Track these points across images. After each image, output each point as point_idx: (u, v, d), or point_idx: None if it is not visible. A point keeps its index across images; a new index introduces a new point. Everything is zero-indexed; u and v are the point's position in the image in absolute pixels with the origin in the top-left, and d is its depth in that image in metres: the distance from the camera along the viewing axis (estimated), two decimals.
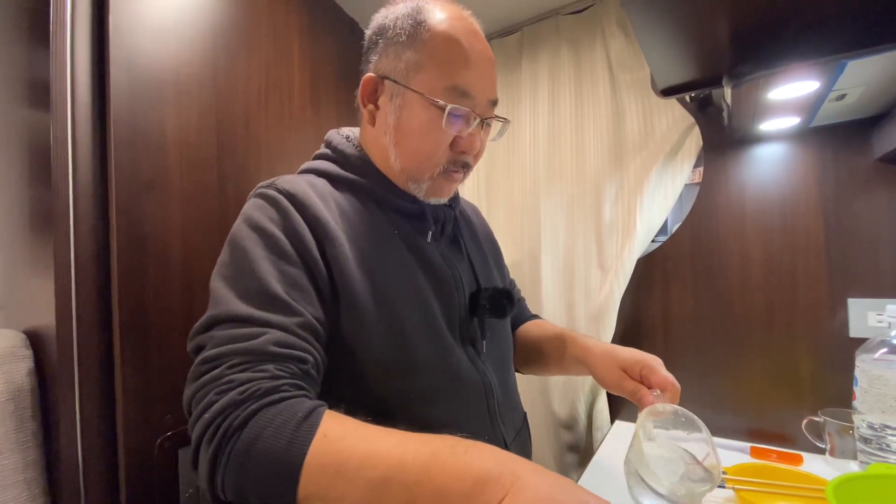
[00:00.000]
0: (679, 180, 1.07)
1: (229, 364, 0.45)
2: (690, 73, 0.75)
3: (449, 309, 0.62)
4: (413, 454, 0.40)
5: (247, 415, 0.42)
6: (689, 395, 1.06)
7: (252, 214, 0.55)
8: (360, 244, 0.57)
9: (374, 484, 0.39)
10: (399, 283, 0.58)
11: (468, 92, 0.58)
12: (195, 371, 0.47)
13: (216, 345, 0.47)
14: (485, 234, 0.82)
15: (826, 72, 0.66)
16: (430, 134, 0.59)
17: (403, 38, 0.58)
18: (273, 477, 0.41)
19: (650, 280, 1.12)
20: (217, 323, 0.49)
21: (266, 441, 0.41)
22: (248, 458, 0.41)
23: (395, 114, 0.60)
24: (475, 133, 0.61)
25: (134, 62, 0.68)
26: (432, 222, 0.65)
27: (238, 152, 0.83)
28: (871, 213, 0.91)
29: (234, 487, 0.42)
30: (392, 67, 0.59)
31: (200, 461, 0.43)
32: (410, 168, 0.61)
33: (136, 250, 0.67)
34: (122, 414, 0.65)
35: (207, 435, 0.43)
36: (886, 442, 0.72)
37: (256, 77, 0.88)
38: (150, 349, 0.69)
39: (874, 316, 0.88)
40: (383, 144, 0.62)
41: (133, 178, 0.67)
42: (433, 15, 0.59)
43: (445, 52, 0.58)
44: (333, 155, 0.65)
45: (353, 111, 0.65)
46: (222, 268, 0.54)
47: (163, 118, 0.71)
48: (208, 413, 0.43)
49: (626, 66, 1.11)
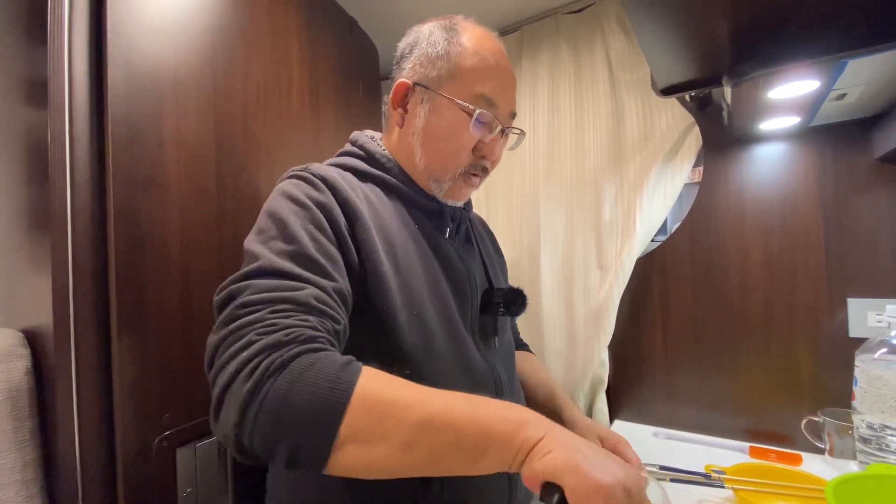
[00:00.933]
0: (679, 180, 1.07)
1: (272, 309, 0.46)
2: (690, 72, 0.75)
3: (463, 303, 0.65)
4: (457, 400, 0.43)
5: (291, 356, 0.42)
6: (689, 395, 1.07)
7: (288, 189, 0.58)
8: (385, 233, 0.60)
9: (421, 423, 0.40)
10: (419, 274, 0.61)
11: (493, 101, 0.64)
12: (230, 315, 0.47)
13: (256, 291, 0.47)
14: (493, 244, 0.87)
15: (826, 71, 0.66)
16: (457, 136, 0.64)
17: (437, 50, 0.65)
18: (315, 415, 0.40)
19: (649, 280, 1.12)
20: (256, 275, 0.50)
21: (309, 380, 0.41)
22: (289, 395, 0.40)
23: (424, 116, 0.65)
24: (496, 139, 0.67)
25: (132, 60, 0.68)
26: (449, 220, 0.69)
27: (237, 151, 0.83)
28: (871, 212, 0.90)
29: (267, 429, 0.40)
30: (424, 75, 0.65)
31: (229, 401, 0.42)
32: (434, 168, 0.66)
33: (134, 249, 0.67)
34: (120, 413, 0.65)
35: (245, 372, 0.42)
36: (886, 442, 0.72)
37: (255, 76, 0.87)
38: (148, 348, 0.68)
39: (874, 316, 0.88)
40: (410, 145, 0.67)
41: (131, 177, 0.67)
42: (466, 31, 0.66)
43: (475, 64, 0.64)
44: (360, 153, 0.69)
45: (352, 110, 0.67)
46: (258, 233, 0.55)
47: (161, 117, 0.71)
48: (247, 352, 0.43)
49: (626, 65, 1.11)
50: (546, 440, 0.40)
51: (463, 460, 0.41)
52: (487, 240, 0.85)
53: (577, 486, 0.37)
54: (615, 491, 0.38)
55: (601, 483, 0.37)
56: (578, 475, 0.38)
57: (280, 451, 0.41)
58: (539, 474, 0.39)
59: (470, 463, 0.41)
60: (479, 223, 0.89)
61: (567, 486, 0.38)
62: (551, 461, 0.39)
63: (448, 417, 0.41)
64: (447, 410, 0.41)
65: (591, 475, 0.38)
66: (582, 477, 0.38)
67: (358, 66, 1.19)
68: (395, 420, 0.41)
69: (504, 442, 0.41)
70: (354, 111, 1.16)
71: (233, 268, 0.80)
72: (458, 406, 0.42)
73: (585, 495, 0.37)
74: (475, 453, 0.41)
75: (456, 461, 0.41)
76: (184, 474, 0.73)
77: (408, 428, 0.41)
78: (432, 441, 0.41)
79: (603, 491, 0.37)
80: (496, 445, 0.41)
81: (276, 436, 0.41)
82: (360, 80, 1.19)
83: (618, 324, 1.08)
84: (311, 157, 0.99)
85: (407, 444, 0.41)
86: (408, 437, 0.40)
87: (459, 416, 0.41)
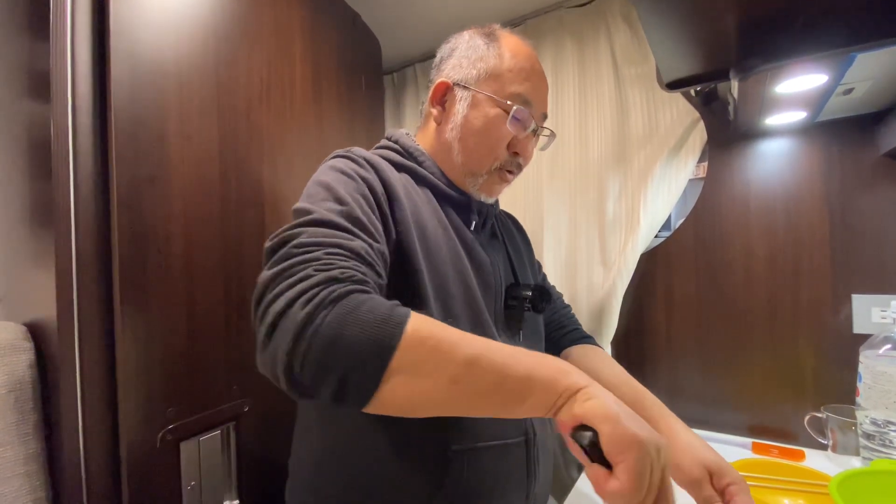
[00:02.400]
0: (683, 175, 1.06)
1: (328, 251, 0.48)
2: (697, 67, 0.74)
3: (487, 294, 0.67)
4: (502, 346, 0.45)
5: (346, 291, 0.44)
6: (692, 391, 1.07)
7: (336, 164, 0.61)
8: (417, 217, 0.63)
9: (469, 360, 0.42)
10: (446, 260, 0.63)
11: (529, 101, 0.68)
12: (286, 253, 0.48)
13: (312, 236, 0.49)
14: (524, 241, 0.90)
15: (834, 65, 0.65)
16: (494, 131, 0.67)
17: (477, 52, 0.69)
18: (368, 344, 0.41)
19: (653, 276, 1.11)
20: (310, 224, 0.51)
21: (364, 313, 0.43)
22: (344, 325, 0.42)
23: (462, 113, 0.69)
24: (529, 138, 0.71)
25: (135, 54, 0.68)
26: (476, 214, 0.72)
27: (240, 146, 0.83)
28: (876, 208, 0.90)
29: (320, 356, 0.41)
30: (464, 75, 0.69)
31: (283, 327, 0.42)
32: (471, 162, 0.70)
33: (138, 243, 0.67)
34: (124, 406, 0.65)
35: (302, 300, 0.43)
36: (889, 438, 0.72)
37: (258, 70, 0.87)
38: (151, 342, 0.68)
39: (878, 312, 0.88)
40: (447, 140, 0.70)
41: (134, 171, 0.67)
42: (504, 37, 0.70)
43: (512, 66, 0.68)
44: (396, 146, 0.72)
45: (354, 104, 0.68)
46: (307, 198, 0.57)
47: (164, 111, 0.71)
48: (305, 283, 0.44)
49: (631, 59, 1.10)
50: (589, 389, 0.42)
51: (505, 400, 0.43)
52: (518, 237, 0.87)
53: (614, 433, 0.38)
54: (649, 447, 0.38)
55: (638, 435, 0.38)
56: (617, 424, 0.39)
57: (330, 380, 0.42)
58: (578, 417, 0.40)
59: (512, 404, 0.43)
60: (511, 221, 0.91)
61: (604, 431, 0.39)
62: (592, 406, 0.40)
63: (494, 358, 0.43)
64: (493, 352, 0.43)
65: (629, 426, 0.39)
66: (620, 426, 0.39)
67: (360, 61, 1.18)
68: (445, 355, 0.42)
69: (547, 386, 0.42)
70: (357, 105, 1.15)
71: (237, 263, 0.81)
72: (503, 350, 0.44)
73: (620, 443, 0.38)
74: (519, 394, 0.42)
75: (499, 401, 0.43)
76: (188, 467, 0.73)
77: (456, 364, 0.42)
78: (479, 378, 0.42)
79: (638, 443, 0.38)
80: (540, 388, 0.42)
81: (329, 363, 0.41)
82: (363, 75, 1.19)
83: (621, 320, 1.08)
84: (314, 150, 0.99)
85: (454, 378, 0.42)
86: (455, 372, 0.42)
87: (505, 359, 0.43)
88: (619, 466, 0.38)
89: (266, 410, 0.86)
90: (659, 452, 0.39)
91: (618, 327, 1.08)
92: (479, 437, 0.60)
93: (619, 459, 0.38)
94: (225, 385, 0.79)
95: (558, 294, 0.94)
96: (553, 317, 0.88)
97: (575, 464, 1.15)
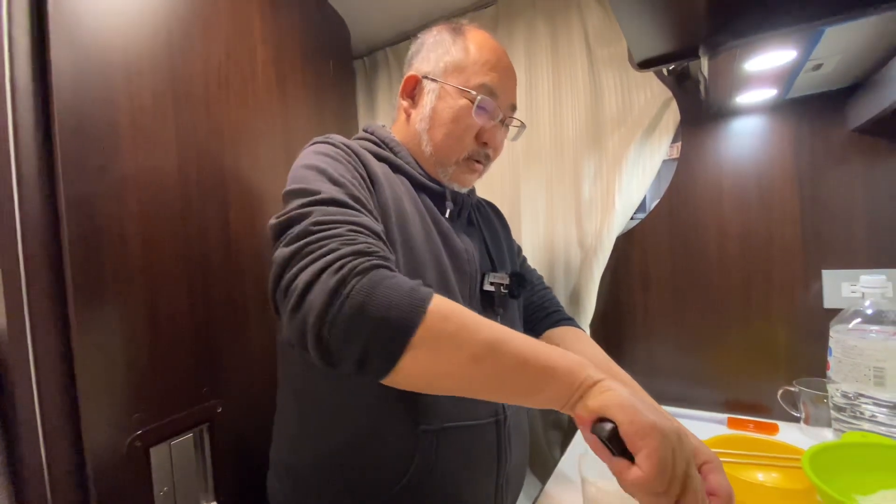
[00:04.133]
0: (657, 156, 1.06)
1: (349, 228, 0.49)
2: (667, 45, 0.73)
3: (462, 280, 0.68)
4: (522, 335, 0.45)
5: (373, 265, 0.45)
6: (669, 370, 1.08)
7: (319, 149, 0.62)
8: (397, 204, 0.64)
9: (491, 342, 0.43)
10: (423, 247, 0.64)
11: (494, 91, 0.70)
12: (304, 230, 0.48)
13: (327, 214, 0.50)
14: (503, 227, 0.90)
15: (803, 40, 0.65)
16: (461, 121, 0.69)
17: (444, 47, 0.71)
18: (396, 313, 0.42)
19: (629, 257, 1.12)
20: (320, 203, 0.51)
21: (391, 285, 0.44)
22: (372, 294, 0.43)
23: (430, 104, 0.70)
24: (497, 127, 0.73)
25: (77, 42, 0.63)
26: (451, 203, 0.73)
27: (199, 135, 0.79)
28: (846, 184, 0.91)
29: (349, 322, 0.42)
30: (432, 68, 0.71)
31: (315, 292, 0.43)
32: (439, 152, 0.71)
33: (90, 241, 0.63)
34: (86, 415, 0.63)
35: (333, 268, 0.44)
36: (860, 410, 0.73)
37: (216, 55, 0.83)
38: (112, 347, 0.65)
39: (848, 287, 0.89)
40: (417, 132, 0.72)
41: (82, 165, 0.63)
42: (470, 32, 0.72)
43: (479, 57, 0.70)
44: (373, 137, 0.73)
45: (322, 91, 0.67)
46: (299, 180, 0.56)
47: (112, 101, 0.67)
48: (333, 254, 0.45)
49: (604, 40, 1.09)
50: (606, 382, 0.42)
51: (524, 388, 0.43)
52: (497, 224, 0.88)
53: (634, 422, 0.38)
54: (670, 434, 0.38)
55: (657, 423, 0.38)
56: (635, 413, 0.39)
57: (355, 347, 0.43)
58: (595, 410, 0.41)
59: (530, 392, 0.43)
60: (490, 208, 0.92)
61: (623, 421, 0.39)
62: (609, 398, 0.40)
63: (515, 345, 0.43)
64: (514, 339, 0.44)
65: (647, 415, 0.39)
66: (638, 415, 0.39)
67: (327, 45, 1.14)
68: (468, 334, 0.43)
69: (566, 377, 0.42)
70: (325, 92, 1.11)
71: (202, 261, 0.78)
72: (526, 340, 0.45)
73: (640, 431, 0.38)
74: (537, 383, 0.43)
75: (517, 387, 0.44)
76: (159, 473, 0.71)
77: (478, 344, 0.43)
78: (499, 361, 0.43)
79: (658, 430, 0.38)
80: (558, 379, 0.43)
81: (356, 329, 0.42)
82: (331, 59, 1.15)
83: (598, 301, 1.08)
84: (280, 139, 0.95)
85: (476, 357, 0.43)
86: (478, 351, 0.42)
87: (526, 347, 0.44)
88: (640, 455, 0.38)
89: (241, 410, 0.83)
90: (681, 440, 0.39)
91: (595, 309, 1.08)
92: (448, 417, 0.60)
93: (640, 447, 0.38)
94: (195, 387, 0.76)
95: (539, 276, 0.94)
96: (533, 299, 0.88)
97: (558, 444, 1.16)
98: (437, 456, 0.60)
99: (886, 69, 0.75)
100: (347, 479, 0.61)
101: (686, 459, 0.39)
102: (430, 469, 0.59)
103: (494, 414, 0.65)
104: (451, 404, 0.61)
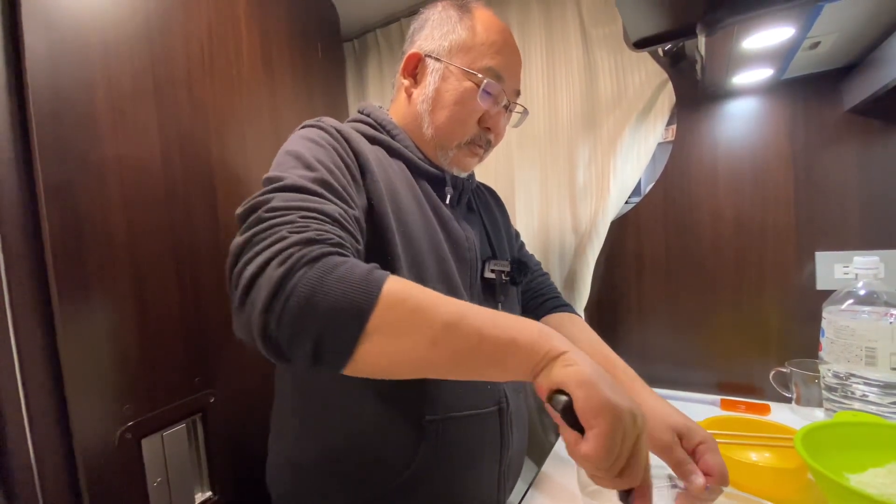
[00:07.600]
0: (652, 139, 1.05)
1: (302, 215, 0.46)
2: (663, 24, 0.71)
3: (462, 267, 0.66)
4: (482, 309, 0.43)
5: (322, 253, 0.43)
6: (663, 352, 1.09)
7: (305, 133, 0.59)
8: (391, 190, 0.61)
9: (448, 322, 0.41)
10: (420, 234, 0.62)
11: (500, 75, 0.67)
12: (258, 217, 0.46)
13: (284, 200, 0.47)
14: (501, 213, 0.88)
15: (801, 17, 0.64)
16: (465, 104, 0.66)
17: (450, 24, 0.68)
18: (346, 303, 0.40)
19: (624, 241, 1.11)
20: (281, 189, 0.49)
21: (341, 273, 0.41)
22: (320, 285, 0.40)
23: (433, 85, 0.68)
24: (501, 113, 0.70)
25: (52, 24, 0.61)
26: (451, 188, 0.70)
27: (182, 119, 0.76)
28: (840, 165, 0.91)
29: (296, 315, 0.40)
30: (436, 47, 0.68)
31: (259, 287, 0.41)
32: (441, 135, 0.68)
33: (72, 230, 0.61)
34: (74, 408, 0.61)
35: (278, 260, 0.42)
36: (851, 390, 0.74)
37: (197, 36, 0.80)
38: (98, 339, 0.64)
39: (841, 268, 0.89)
40: (418, 113, 0.69)
41: (61, 153, 0.60)
42: (477, 10, 0.69)
43: (486, 38, 0.67)
44: (368, 119, 0.71)
45: (311, 73, 0.65)
46: (276, 167, 0.55)
47: (91, 85, 0.64)
48: (280, 244, 0.43)
49: (598, 20, 1.06)
50: (569, 355, 0.41)
51: (486, 363, 0.42)
52: (496, 209, 0.86)
53: (588, 399, 0.38)
54: (623, 414, 0.38)
55: (612, 401, 0.38)
56: (592, 389, 0.38)
57: (306, 341, 0.40)
58: (555, 383, 0.40)
59: (492, 366, 0.42)
60: (489, 193, 0.89)
61: (579, 397, 0.38)
62: (569, 373, 0.39)
63: (474, 321, 0.42)
64: (473, 314, 0.42)
65: (604, 392, 0.38)
66: (595, 392, 0.38)
67: (315, 26, 1.11)
68: (424, 316, 0.41)
69: (528, 349, 0.41)
70: (314, 75, 1.08)
71: (190, 248, 0.76)
72: (484, 312, 0.43)
73: (593, 409, 0.38)
74: (499, 357, 0.42)
75: (479, 363, 0.42)
76: (152, 464, 0.70)
77: (435, 325, 0.41)
78: (459, 340, 0.41)
79: (612, 409, 0.37)
80: (521, 352, 0.41)
81: (305, 322, 0.40)
82: (319, 41, 1.11)
83: (593, 286, 1.08)
84: (267, 123, 0.92)
85: (434, 340, 0.41)
86: (435, 334, 0.41)
87: (485, 321, 0.42)
88: (590, 432, 0.38)
89: (235, 400, 0.83)
90: (634, 420, 0.39)
91: (590, 293, 1.08)
92: (452, 407, 0.60)
93: (592, 425, 0.38)
94: (186, 377, 0.75)
95: (536, 262, 0.93)
96: (530, 285, 0.87)
97: (553, 429, 1.17)
98: (442, 447, 0.59)
99: (882, 49, 0.74)
100: (352, 471, 0.60)
101: (636, 437, 0.39)
102: (435, 458, 0.59)
103: (497, 402, 0.64)
104: (455, 394, 0.60)
